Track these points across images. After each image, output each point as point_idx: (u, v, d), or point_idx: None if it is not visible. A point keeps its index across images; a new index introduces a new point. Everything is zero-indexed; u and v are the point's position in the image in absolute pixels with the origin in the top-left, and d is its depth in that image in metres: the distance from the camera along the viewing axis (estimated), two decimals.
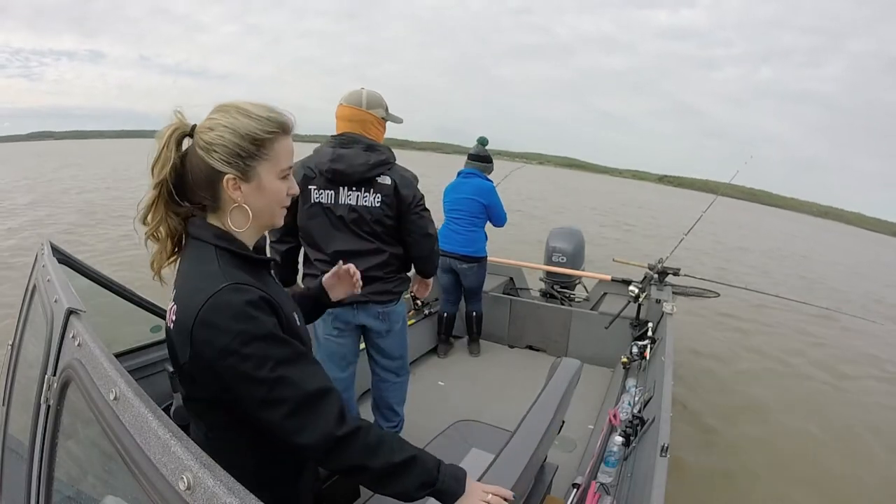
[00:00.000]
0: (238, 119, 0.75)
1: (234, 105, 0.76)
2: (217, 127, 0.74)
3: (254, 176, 0.77)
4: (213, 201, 0.77)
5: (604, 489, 1.61)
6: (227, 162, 0.74)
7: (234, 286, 0.69)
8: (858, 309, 6.78)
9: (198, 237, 0.77)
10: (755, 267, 10.71)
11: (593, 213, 17.27)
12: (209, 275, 0.71)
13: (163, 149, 0.75)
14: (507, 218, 3.08)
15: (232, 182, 0.75)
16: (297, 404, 0.68)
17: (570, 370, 1.29)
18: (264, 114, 0.76)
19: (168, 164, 0.75)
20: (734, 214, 28.75)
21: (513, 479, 0.90)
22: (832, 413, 3.79)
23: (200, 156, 0.74)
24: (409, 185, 1.65)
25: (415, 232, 1.68)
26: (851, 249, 21.23)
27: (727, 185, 4.13)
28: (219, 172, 0.74)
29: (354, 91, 1.65)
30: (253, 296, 0.69)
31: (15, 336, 1.16)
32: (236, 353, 0.66)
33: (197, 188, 0.77)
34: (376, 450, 0.72)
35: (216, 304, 0.67)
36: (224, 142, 0.74)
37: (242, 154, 0.75)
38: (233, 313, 0.67)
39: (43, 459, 0.75)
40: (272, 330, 0.69)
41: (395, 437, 0.76)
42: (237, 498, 0.43)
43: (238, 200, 0.76)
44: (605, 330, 3.04)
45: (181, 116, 0.77)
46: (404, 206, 1.64)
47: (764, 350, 5.12)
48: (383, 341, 1.81)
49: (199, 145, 0.75)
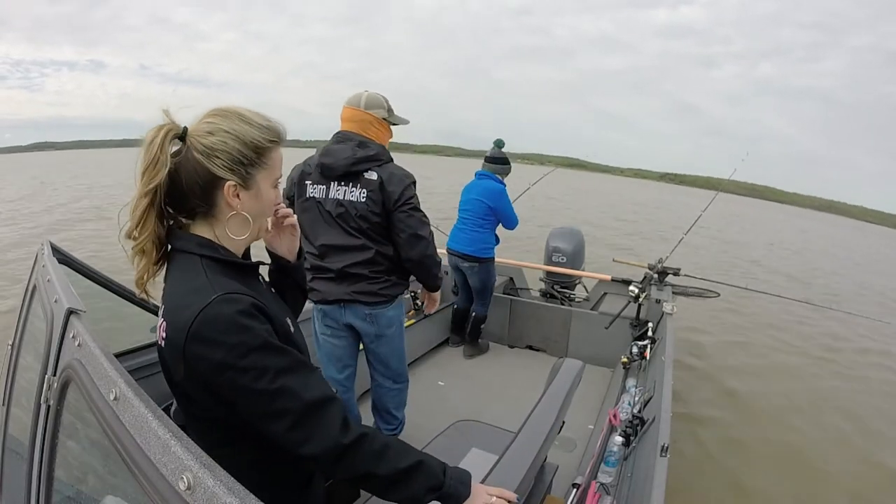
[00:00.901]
0: (241, 126, 0.73)
1: (232, 110, 0.75)
2: (217, 132, 0.72)
3: (253, 184, 0.75)
4: (208, 208, 0.75)
5: (604, 489, 1.61)
6: (230, 168, 0.72)
7: (224, 297, 0.67)
8: (856, 304, 6.78)
9: (182, 249, 0.74)
10: (757, 262, 10.70)
11: (604, 215, 17.20)
12: (197, 288, 0.69)
13: (156, 152, 0.70)
14: (517, 221, 3.07)
15: (232, 189, 0.73)
16: (300, 415, 0.66)
17: (572, 371, 1.29)
18: (264, 122, 0.76)
19: (164, 168, 0.70)
20: (740, 209, 28.67)
21: (516, 481, 0.90)
22: (835, 412, 3.78)
23: (198, 160, 0.72)
24: (397, 182, 1.62)
25: (402, 231, 1.65)
26: (855, 243, 21.22)
27: (728, 182, 4.13)
28: (219, 179, 0.72)
29: (356, 93, 1.68)
30: (244, 305, 0.67)
31: (15, 336, 1.16)
32: (233, 366, 0.64)
33: (191, 194, 0.74)
34: (382, 456, 0.70)
35: (207, 317, 0.65)
36: (227, 148, 0.72)
37: (245, 161, 0.73)
38: (225, 326, 0.65)
39: (43, 459, 0.75)
40: (267, 339, 0.67)
41: (400, 442, 0.75)
42: (237, 498, 0.43)
43: (237, 208, 0.75)
44: (605, 330, 3.04)
45: (170, 116, 0.73)
46: (390, 203, 1.62)
47: (764, 350, 5.11)
48: (376, 347, 1.77)
49: (198, 149, 0.72)
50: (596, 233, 10.96)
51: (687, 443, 2.99)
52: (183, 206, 0.76)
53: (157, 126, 0.71)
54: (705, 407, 3.56)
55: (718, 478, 2.73)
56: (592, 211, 18.06)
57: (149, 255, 0.74)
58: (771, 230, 20.47)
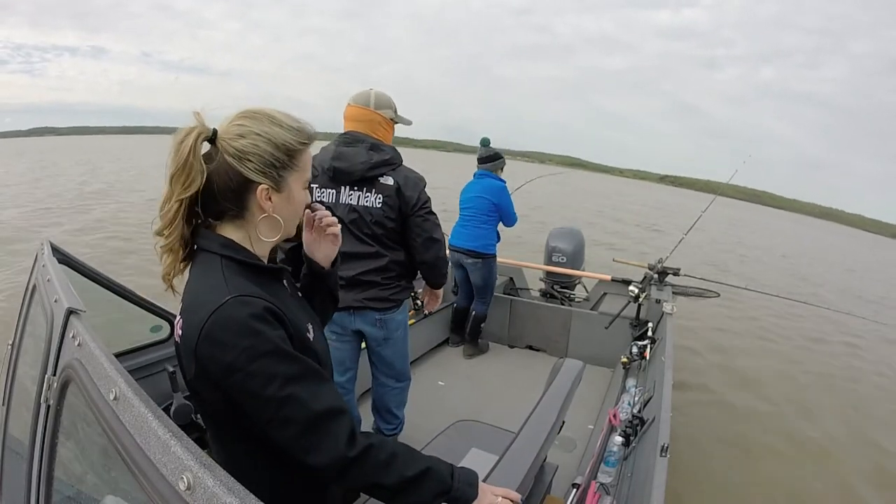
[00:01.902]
0: (272, 128, 0.73)
1: (262, 112, 0.75)
2: (249, 135, 0.72)
3: (285, 186, 0.76)
4: (239, 211, 0.75)
5: (604, 489, 1.61)
6: (262, 172, 0.72)
7: (238, 299, 0.67)
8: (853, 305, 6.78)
9: (206, 248, 0.75)
10: (757, 263, 10.70)
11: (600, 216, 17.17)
12: (213, 287, 0.69)
13: (188, 156, 0.69)
14: (517, 218, 3.11)
15: (265, 192, 0.73)
16: (306, 425, 0.66)
17: (572, 371, 1.28)
18: (294, 124, 0.76)
19: (200, 176, 0.70)
20: (738, 213, 28.57)
21: (517, 481, 0.90)
22: (835, 412, 3.79)
23: (230, 164, 0.72)
24: (413, 186, 1.60)
25: (419, 235, 1.63)
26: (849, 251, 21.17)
27: (726, 185, 4.13)
28: (251, 182, 0.73)
29: (363, 91, 1.61)
30: (257, 308, 0.67)
31: (15, 336, 1.16)
32: (242, 370, 0.64)
33: (222, 198, 0.74)
34: (389, 466, 0.70)
35: (219, 319, 0.65)
36: (260, 151, 0.72)
37: (277, 164, 0.73)
38: (237, 329, 0.65)
39: (43, 459, 0.75)
40: (279, 345, 0.67)
41: (407, 449, 0.74)
42: (237, 498, 0.43)
43: (268, 211, 0.75)
44: (605, 330, 3.05)
45: (201, 118, 0.72)
46: (407, 208, 1.60)
47: (764, 348, 5.11)
48: (382, 349, 1.77)
49: (230, 153, 0.72)
50: (596, 233, 10.97)
51: (687, 443, 2.99)
52: (213, 209, 0.76)
53: (186, 128, 0.71)
54: (705, 407, 3.56)
55: (718, 477, 2.73)
56: (591, 211, 18.04)
57: (175, 253, 0.75)
58: (779, 241, 20.20)
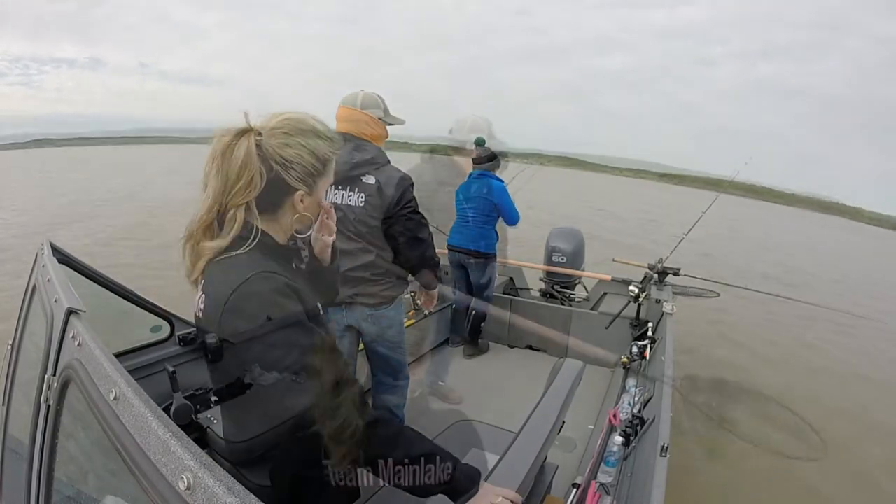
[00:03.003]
0: (315, 141, 0.79)
1: (305, 123, 0.79)
2: (295, 145, 0.77)
3: (316, 190, 0.82)
4: (274, 208, 0.80)
5: (604, 489, 1.61)
6: (302, 180, 0.79)
7: (261, 275, 0.71)
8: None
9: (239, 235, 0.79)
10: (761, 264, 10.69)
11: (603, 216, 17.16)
12: (237, 264, 0.74)
13: (249, 161, 0.73)
14: (519, 216, 3.09)
15: (301, 197, 0.80)
16: (321, 392, 0.69)
17: (572, 371, 1.28)
18: (331, 134, 0.82)
19: (261, 179, 0.74)
20: (741, 210, 28.51)
21: (518, 481, 0.90)
22: (840, 411, 3.78)
23: (276, 170, 0.76)
24: (395, 185, 1.61)
25: (402, 235, 1.64)
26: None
27: (728, 183, 4.13)
28: (292, 188, 0.78)
29: (352, 93, 1.66)
30: (279, 284, 0.72)
31: (15, 336, 1.16)
32: (263, 340, 0.68)
33: (261, 199, 0.78)
34: (396, 441, 0.73)
35: (244, 292, 0.70)
36: (304, 162, 0.78)
37: (314, 173, 0.80)
38: (260, 301, 0.70)
39: (43, 459, 0.75)
40: (299, 318, 0.72)
41: (413, 431, 0.77)
42: (237, 498, 0.43)
43: (301, 211, 0.81)
44: (605, 330, 3.04)
45: (249, 119, 0.77)
46: (389, 207, 1.61)
47: (764, 348, 5.11)
48: (377, 346, 1.78)
49: (276, 161, 0.76)
50: (596, 232, 10.96)
51: (687, 442, 2.99)
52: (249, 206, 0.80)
53: (235, 129, 0.75)
54: (705, 406, 3.56)
55: (718, 478, 2.73)
56: (591, 210, 18.04)
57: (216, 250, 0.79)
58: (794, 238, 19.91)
